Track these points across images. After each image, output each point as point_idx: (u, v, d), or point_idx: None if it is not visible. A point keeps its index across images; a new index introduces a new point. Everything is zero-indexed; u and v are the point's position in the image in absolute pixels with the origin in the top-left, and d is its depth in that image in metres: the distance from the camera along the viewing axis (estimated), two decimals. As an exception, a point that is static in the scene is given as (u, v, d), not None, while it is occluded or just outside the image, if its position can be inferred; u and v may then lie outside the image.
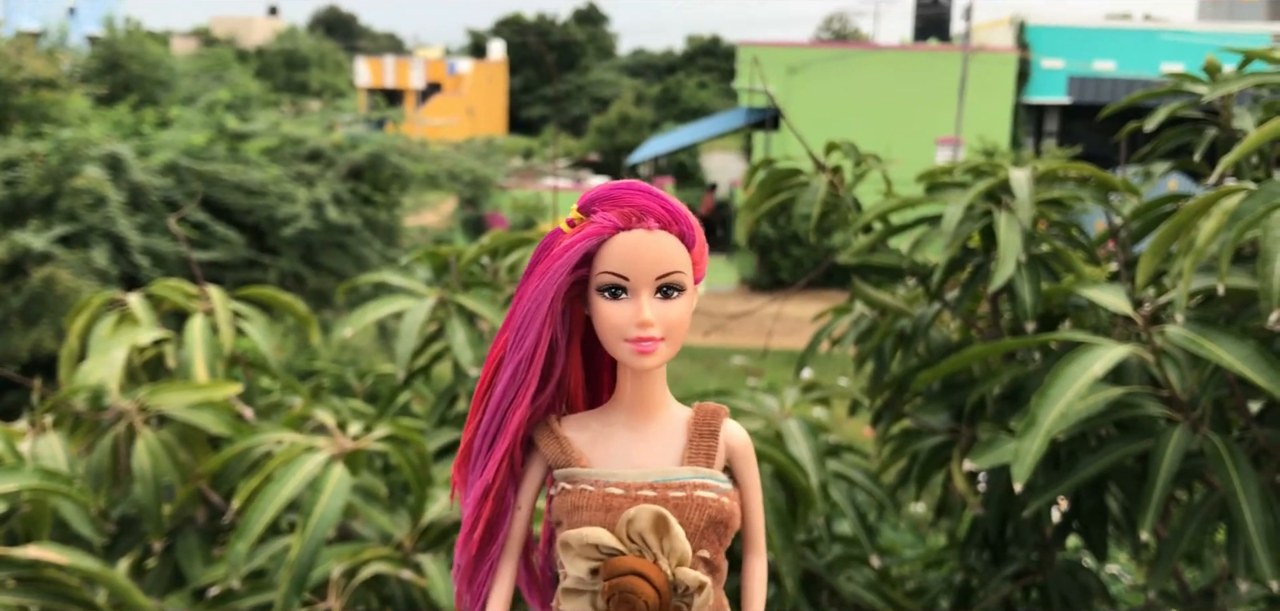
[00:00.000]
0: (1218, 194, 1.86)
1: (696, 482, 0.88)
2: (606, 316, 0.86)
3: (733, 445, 0.92)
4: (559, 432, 0.91)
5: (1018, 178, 2.30)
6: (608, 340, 0.87)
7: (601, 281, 0.86)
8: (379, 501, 2.44)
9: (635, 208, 0.85)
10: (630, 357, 0.87)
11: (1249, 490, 1.83)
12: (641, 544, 0.85)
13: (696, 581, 0.85)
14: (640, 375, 0.89)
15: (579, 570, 0.86)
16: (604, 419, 0.92)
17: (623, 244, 0.85)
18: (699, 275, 0.89)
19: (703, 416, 0.92)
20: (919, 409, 2.59)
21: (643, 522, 0.84)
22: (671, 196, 0.87)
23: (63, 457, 2.25)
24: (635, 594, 0.83)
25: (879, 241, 2.61)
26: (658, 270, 0.85)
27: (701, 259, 0.89)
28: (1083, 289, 2.09)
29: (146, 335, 2.55)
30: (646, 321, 0.85)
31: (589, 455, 0.90)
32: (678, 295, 0.87)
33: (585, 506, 0.86)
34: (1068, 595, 2.59)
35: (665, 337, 0.86)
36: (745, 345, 14.03)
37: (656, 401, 0.91)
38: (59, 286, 9.03)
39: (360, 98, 26.65)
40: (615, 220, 0.85)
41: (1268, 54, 2.29)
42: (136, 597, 1.99)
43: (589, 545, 0.85)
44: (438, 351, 2.75)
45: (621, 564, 0.84)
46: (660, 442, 0.90)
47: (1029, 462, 1.78)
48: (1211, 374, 1.97)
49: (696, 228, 0.88)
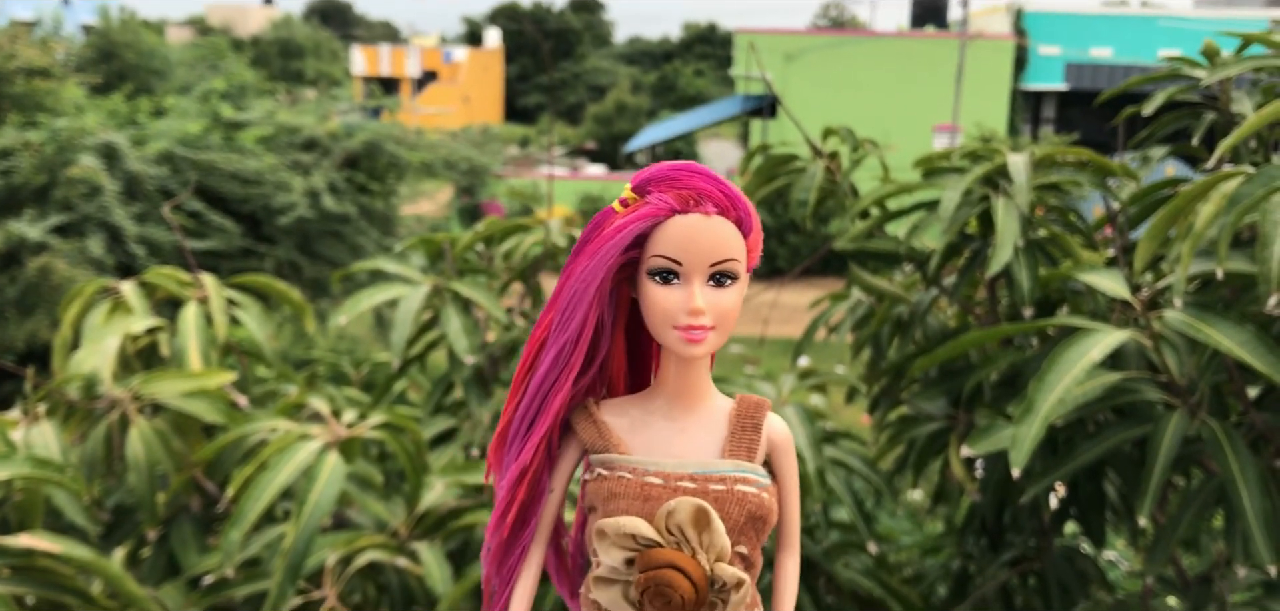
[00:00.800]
0: (1216, 178, 1.86)
1: (737, 476, 0.85)
2: (657, 301, 0.83)
3: (774, 439, 0.89)
4: (598, 416, 0.88)
5: (1015, 163, 2.29)
6: (656, 326, 0.84)
7: (653, 265, 0.82)
8: (374, 489, 2.43)
9: (693, 190, 0.82)
10: (678, 345, 0.83)
11: (1247, 475, 1.82)
12: (681, 536, 0.82)
13: (735, 578, 0.82)
14: (685, 363, 0.86)
15: (614, 559, 0.83)
16: (644, 405, 0.89)
17: (678, 228, 0.82)
18: (752, 263, 0.86)
19: (746, 408, 0.89)
20: (916, 395, 2.58)
21: (683, 515, 0.82)
22: (729, 181, 0.84)
23: (56, 446, 2.24)
24: (672, 587, 0.81)
25: (876, 227, 2.60)
26: (712, 257, 0.82)
27: (756, 247, 0.86)
28: (1080, 274, 2.08)
29: (140, 323, 2.54)
30: (698, 309, 0.82)
31: (628, 441, 0.87)
32: (731, 283, 0.83)
33: (622, 494, 0.84)
34: (1065, 581, 2.58)
35: (716, 326, 0.83)
36: (742, 333, 14.02)
37: (699, 390, 0.88)
38: (54, 276, 9.02)
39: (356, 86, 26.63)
40: (671, 202, 0.82)
41: (1266, 38, 2.28)
42: (130, 587, 1.98)
43: (626, 534, 0.82)
44: (433, 339, 2.74)
45: (659, 556, 0.81)
46: (701, 433, 0.87)
47: (1027, 448, 1.77)
48: (1210, 358, 1.97)
49: (753, 214, 0.85)
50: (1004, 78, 22.63)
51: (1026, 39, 23.33)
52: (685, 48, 48.90)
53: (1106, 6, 25.79)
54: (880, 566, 2.67)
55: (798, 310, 3.77)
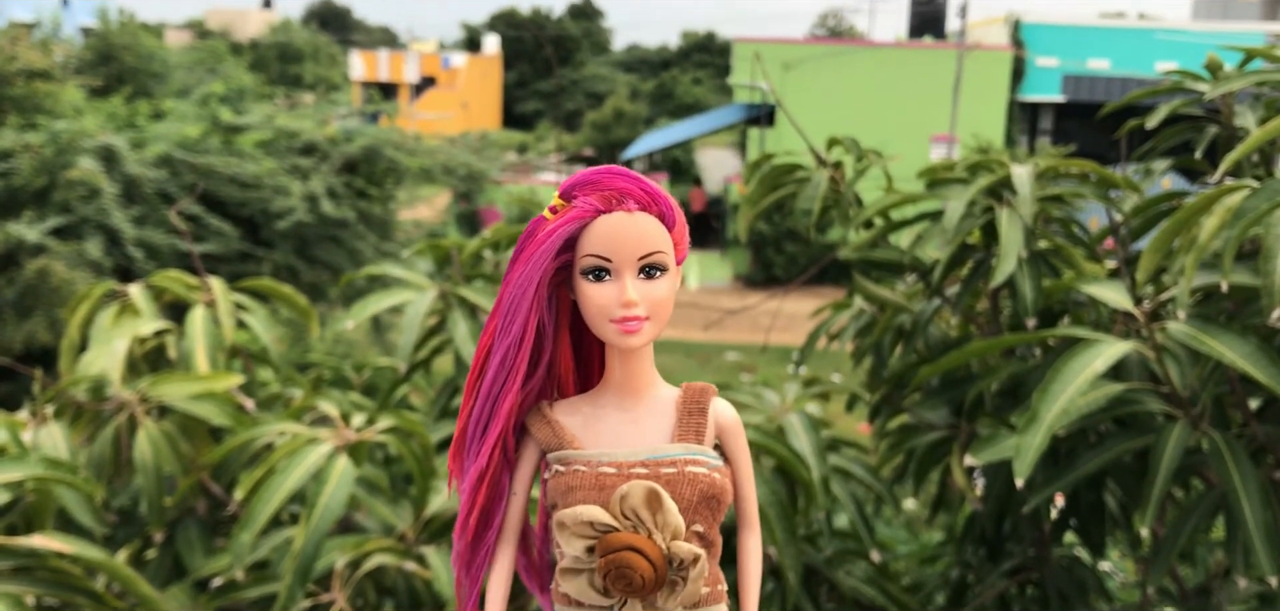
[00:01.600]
0: (1220, 191, 1.87)
1: (687, 458, 0.89)
2: (591, 298, 0.88)
3: (722, 422, 0.94)
4: (551, 417, 0.92)
5: (1020, 174, 2.30)
6: (593, 321, 0.89)
7: (585, 264, 0.87)
8: (382, 493, 2.44)
9: (615, 190, 0.87)
10: (616, 337, 0.88)
11: (1249, 486, 1.84)
12: (635, 519, 0.86)
13: (691, 554, 0.86)
14: (628, 356, 0.91)
15: (575, 549, 0.87)
16: (595, 402, 0.93)
17: (604, 226, 0.87)
18: (681, 256, 0.91)
19: (691, 394, 0.94)
20: (918, 404, 2.60)
21: (636, 498, 0.85)
22: (649, 180, 0.89)
23: (64, 447, 2.25)
24: (631, 568, 0.84)
25: (879, 237, 2.62)
26: (639, 250, 0.87)
27: (682, 240, 0.91)
28: (1083, 285, 2.10)
29: (148, 326, 2.55)
30: (630, 300, 0.87)
31: (581, 437, 0.91)
32: (660, 275, 0.88)
33: (579, 486, 0.88)
34: (1064, 591, 2.60)
35: (650, 316, 0.88)
36: (740, 341, 14.04)
37: (645, 382, 0.93)
38: (53, 278, 9.02)
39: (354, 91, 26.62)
40: (596, 203, 0.87)
41: (1268, 52, 2.31)
42: (141, 587, 2.00)
43: (584, 522, 0.86)
44: (437, 344, 2.75)
45: (617, 540, 0.85)
46: (651, 422, 0.92)
47: (1030, 458, 1.78)
48: (1212, 370, 1.99)
49: (676, 209, 0.90)
50: (1001, 88, 22.67)
51: (1024, 50, 23.37)
52: (683, 56, 48.91)
53: (1104, 19, 25.83)
54: (882, 574, 2.68)
55: (796, 318, 3.79)
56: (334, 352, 9.01)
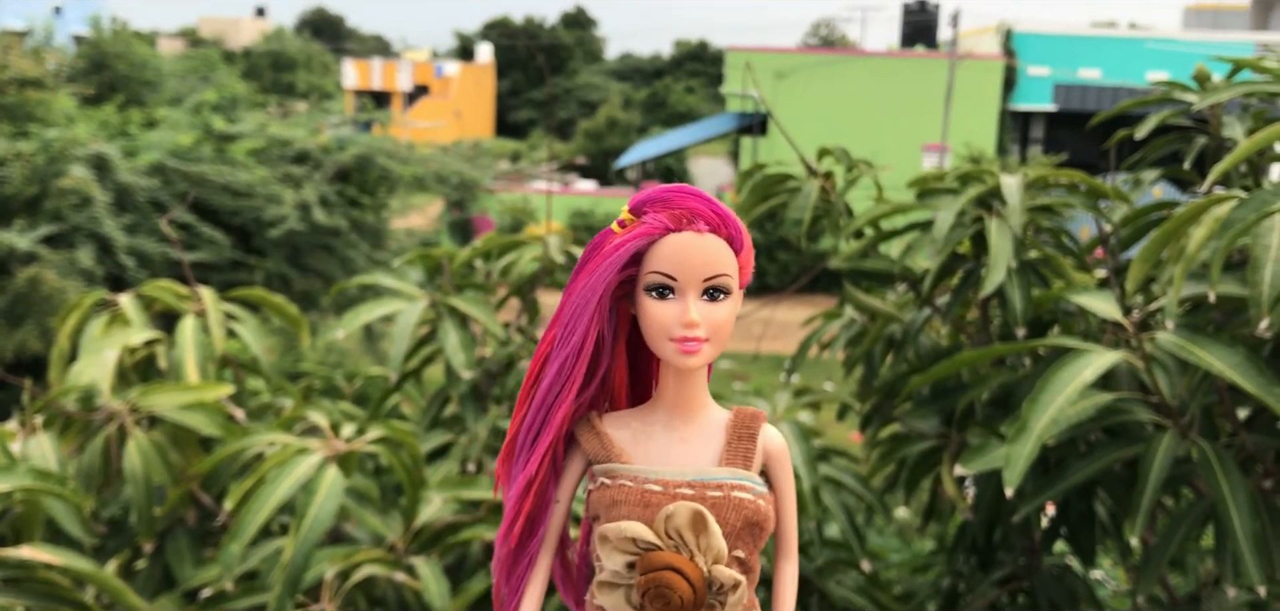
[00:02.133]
0: (1208, 202, 1.88)
1: (734, 483, 0.89)
2: (653, 315, 0.87)
3: (770, 449, 0.94)
4: (600, 428, 0.92)
5: (1009, 184, 2.31)
6: (653, 339, 0.88)
7: (650, 281, 0.87)
8: (371, 503, 2.44)
9: (686, 210, 0.87)
10: (675, 357, 0.88)
11: (1237, 496, 1.84)
12: (679, 540, 0.86)
13: (732, 579, 0.86)
14: (682, 375, 0.91)
15: (616, 563, 0.87)
16: (645, 417, 0.93)
17: (672, 245, 0.87)
18: (745, 279, 0.90)
19: (742, 419, 0.93)
20: (909, 414, 2.60)
21: (681, 519, 0.85)
22: (721, 201, 0.88)
23: (53, 458, 2.24)
24: (671, 588, 0.84)
25: (870, 247, 2.63)
26: (705, 272, 0.87)
27: (748, 264, 0.90)
28: (1073, 295, 2.11)
29: (138, 336, 2.55)
30: (692, 321, 0.86)
31: (629, 451, 0.91)
32: (724, 298, 0.88)
33: (624, 501, 0.87)
34: (1055, 600, 2.60)
35: (710, 338, 0.87)
36: (732, 349, 14.03)
37: (697, 402, 0.92)
38: (44, 287, 8.99)
39: (347, 99, 26.61)
40: (666, 221, 0.87)
41: (1256, 63, 2.31)
42: (129, 598, 1.99)
43: (626, 539, 0.86)
44: (428, 354, 2.75)
45: (658, 558, 0.85)
46: (699, 443, 0.91)
47: (1020, 467, 1.79)
48: (1201, 380, 1.99)
49: (744, 232, 0.89)
50: (993, 98, 22.73)
51: (1015, 59, 23.44)
52: (676, 65, 48.95)
53: (1095, 28, 25.93)
54: (873, 584, 2.68)
55: (787, 327, 3.79)
56: (326, 362, 9.00)
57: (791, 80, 21.35)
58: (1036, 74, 23.45)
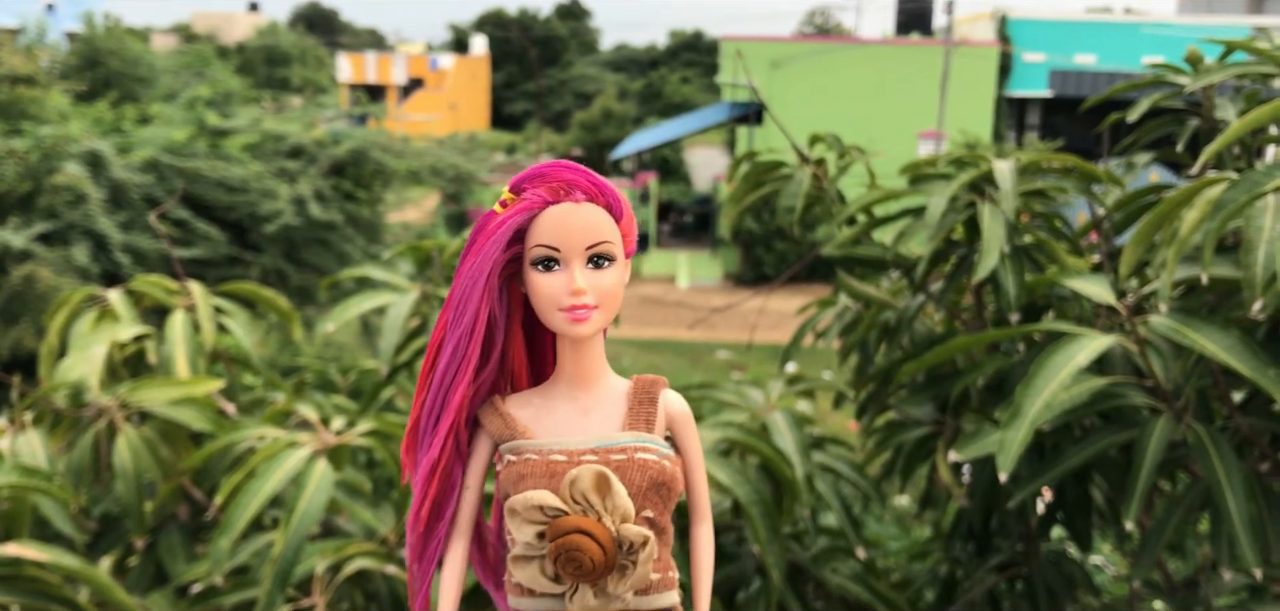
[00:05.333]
0: (1200, 184, 1.87)
1: (637, 446, 0.90)
2: (540, 288, 0.89)
3: (673, 413, 0.95)
4: (503, 409, 0.93)
5: (1001, 169, 2.30)
6: (543, 311, 0.90)
7: (534, 255, 0.89)
8: (363, 497, 2.43)
9: (562, 182, 0.89)
10: (565, 326, 0.90)
11: (1233, 479, 1.84)
12: (585, 503, 0.87)
13: (640, 536, 0.87)
14: (578, 347, 0.92)
15: (526, 535, 0.88)
16: (546, 394, 0.95)
17: (552, 217, 0.89)
18: (629, 248, 0.92)
19: (642, 386, 0.95)
20: (903, 401, 2.59)
21: (585, 482, 0.86)
22: (595, 172, 0.91)
23: (42, 455, 2.23)
24: (581, 551, 0.85)
25: (863, 234, 2.61)
26: (587, 240, 0.89)
27: (630, 231, 0.92)
28: (1066, 280, 2.10)
29: (127, 331, 2.53)
30: (579, 289, 0.88)
31: (533, 428, 0.92)
32: (608, 265, 0.90)
33: (530, 475, 0.89)
34: (1052, 586, 2.59)
35: (598, 305, 0.89)
36: (729, 339, 14.04)
37: (595, 372, 0.94)
38: (39, 284, 8.98)
39: (342, 94, 26.52)
40: (544, 195, 0.89)
41: (1248, 45, 2.30)
42: (119, 595, 1.98)
43: (534, 507, 0.87)
44: (420, 346, 2.74)
45: (566, 523, 0.86)
46: (602, 411, 0.93)
47: (1014, 453, 1.78)
48: (1195, 363, 1.98)
49: (623, 200, 0.91)
50: (989, 84, 22.70)
51: (1011, 46, 23.41)
52: (671, 55, 48.90)
53: (1090, 13, 25.91)
54: (869, 571, 2.68)
55: (785, 316, 3.78)
56: (323, 356, 8.99)
57: (787, 69, 21.33)
58: (1032, 60, 23.42)
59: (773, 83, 20.68)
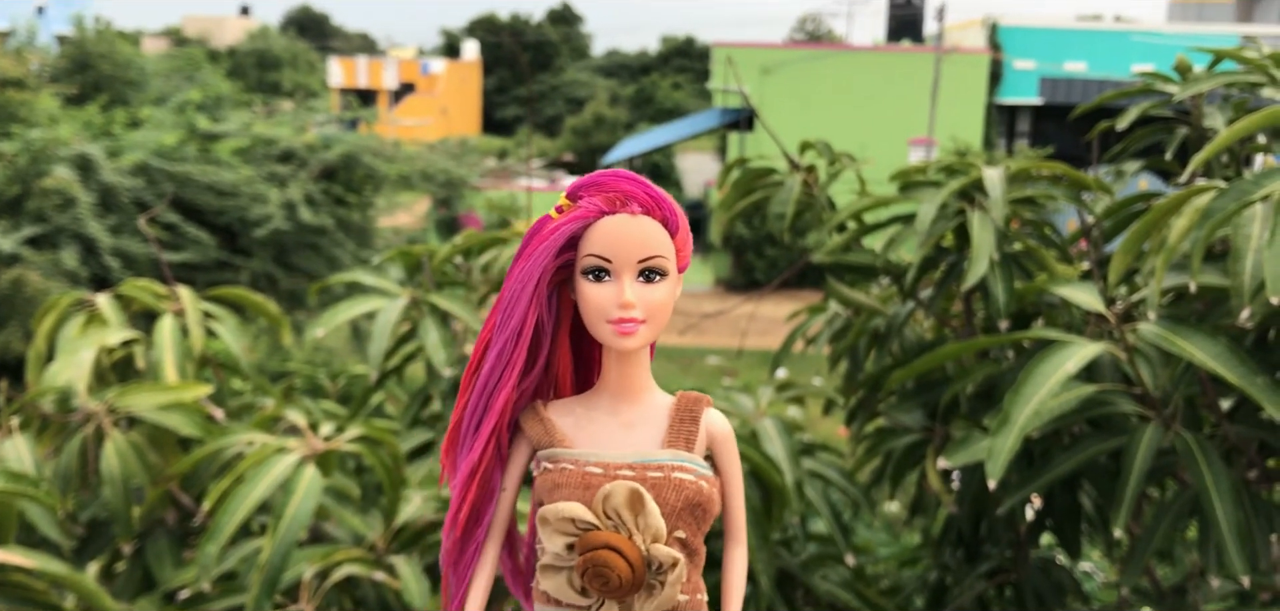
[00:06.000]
0: (1189, 192, 1.87)
1: (675, 464, 0.89)
2: (590, 298, 0.88)
3: (714, 433, 0.94)
4: (544, 415, 0.92)
5: (991, 176, 2.30)
6: (591, 321, 0.89)
7: (586, 264, 0.88)
8: (351, 503, 2.42)
9: (619, 193, 0.88)
10: (612, 339, 0.89)
11: (1221, 486, 1.84)
12: (617, 520, 0.86)
13: (670, 558, 0.86)
14: (624, 359, 0.91)
15: (556, 546, 0.87)
16: (588, 403, 0.93)
17: (606, 227, 0.87)
18: (683, 263, 0.91)
19: (685, 403, 0.93)
20: (893, 407, 2.59)
21: (618, 499, 0.86)
22: (656, 185, 0.89)
23: (30, 459, 2.22)
24: (609, 568, 0.84)
25: (853, 240, 2.62)
26: (640, 253, 0.87)
27: (685, 246, 0.91)
28: (1056, 287, 2.10)
29: (115, 336, 2.52)
30: (628, 302, 0.87)
31: (573, 437, 0.91)
32: (660, 279, 0.89)
33: (565, 485, 0.88)
34: (1041, 592, 2.60)
35: (646, 319, 0.88)
36: (720, 345, 14.04)
37: (640, 386, 0.93)
38: (28, 288, 8.95)
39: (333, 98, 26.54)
40: (600, 204, 0.88)
41: (1237, 53, 2.31)
42: (105, 601, 1.97)
43: (565, 519, 0.86)
44: (410, 352, 2.73)
45: (596, 538, 0.85)
46: (642, 427, 0.92)
47: (1003, 460, 1.78)
48: (1183, 371, 1.98)
49: (680, 215, 0.90)
50: (979, 92, 22.75)
51: (1001, 53, 23.47)
52: (663, 61, 48.89)
53: (1080, 21, 25.99)
54: (858, 578, 2.68)
55: (775, 322, 3.78)
56: (313, 361, 8.97)
57: (778, 75, 21.35)
58: (1022, 68, 23.48)
59: (764, 89, 20.71)
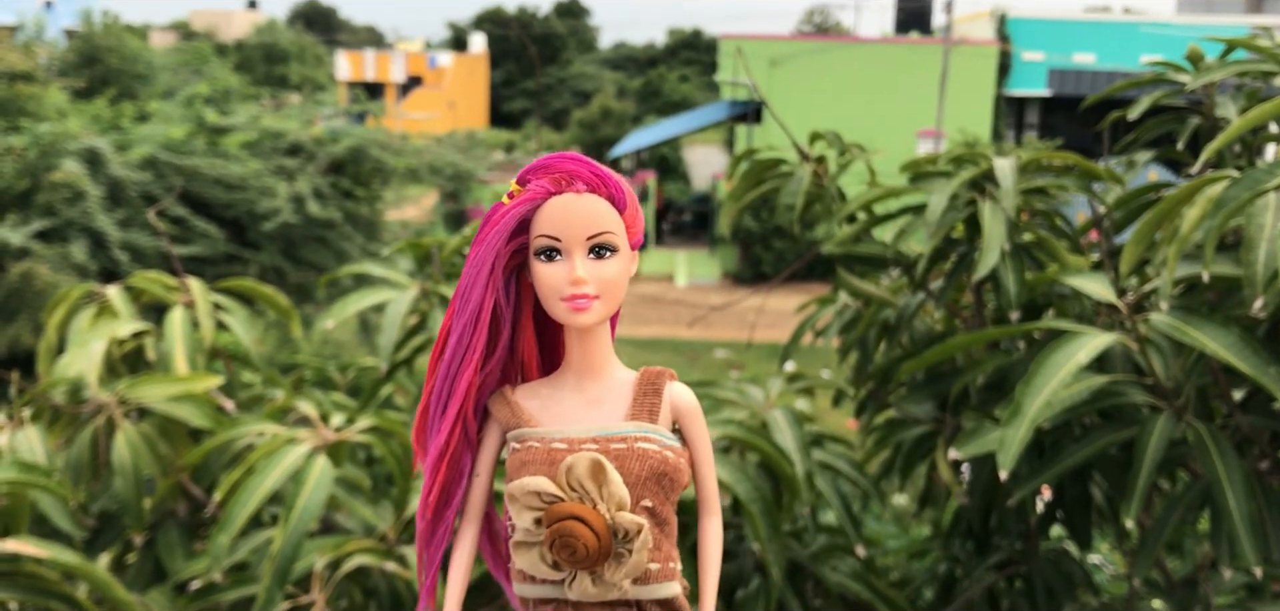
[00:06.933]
0: (1201, 182, 1.87)
1: (638, 435, 0.92)
2: (543, 277, 0.91)
3: (679, 404, 0.96)
4: (511, 399, 0.95)
5: (1002, 167, 2.29)
6: (546, 300, 0.92)
7: (537, 245, 0.91)
8: (362, 493, 2.42)
9: (565, 173, 0.91)
10: (567, 316, 0.91)
11: (1233, 477, 1.83)
12: (582, 491, 0.88)
13: (635, 524, 0.88)
14: (584, 338, 0.94)
15: (525, 521, 0.89)
16: (554, 384, 0.96)
17: (554, 207, 0.90)
18: (635, 239, 0.93)
19: (648, 377, 0.96)
20: (903, 399, 2.59)
21: (580, 469, 0.88)
22: (600, 163, 0.92)
23: (41, 451, 2.23)
24: (575, 537, 0.86)
25: (863, 232, 2.61)
26: (588, 230, 0.90)
27: (635, 222, 0.93)
28: (1067, 278, 2.09)
29: (126, 328, 2.53)
30: (579, 278, 0.90)
31: (540, 417, 0.94)
32: (610, 255, 0.91)
33: (532, 462, 0.90)
34: (1052, 584, 2.59)
35: (599, 295, 0.91)
36: (728, 338, 14.04)
37: (601, 363, 0.95)
38: (37, 281, 8.96)
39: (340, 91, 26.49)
40: (547, 186, 0.91)
41: (1249, 43, 2.30)
42: (118, 591, 1.97)
43: (531, 493, 0.88)
44: (419, 343, 2.73)
45: (561, 509, 0.87)
46: (608, 402, 0.94)
47: (1014, 451, 1.78)
48: (1195, 361, 1.98)
49: (628, 192, 0.93)
50: (988, 83, 22.69)
51: (1010, 45, 23.40)
52: (670, 53, 48.86)
53: (1089, 12, 25.91)
54: (868, 569, 2.67)
55: (783, 315, 3.78)
56: (321, 353, 8.98)
57: (786, 68, 21.32)
58: (1031, 59, 23.41)
59: (772, 81, 20.67)
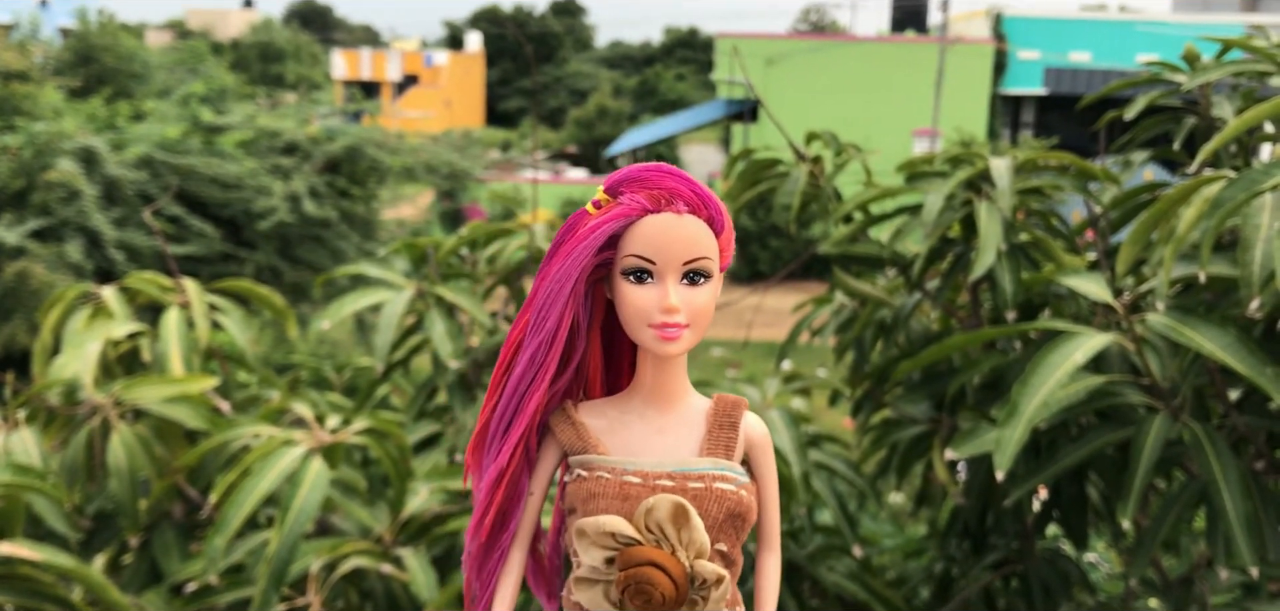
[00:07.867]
0: (1198, 182, 1.87)
1: (715, 474, 0.86)
2: (631, 300, 0.84)
3: (752, 438, 0.90)
4: (576, 418, 0.88)
5: (998, 167, 2.29)
6: (631, 325, 0.85)
7: (627, 264, 0.84)
8: (358, 495, 2.42)
9: (664, 190, 0.83)
10: (654, 344, 0.84)
11: (1229, 477, 1.83)
12: (660, 534, 0.82)
13: (715, 574, 0.83)
14: (661, 362, 0.87)
15: (594, 559, 0.84)
16: (622, 406, 0.89)
17: (650, 227, 0.83)
18: (725, 262, 0.87)
19: (723, 407, 0.90)
20: (899, 399, 2.59)
21: (662, 513, 0.82)
22: (700, 181, 0.85)
23: (36, 452, 2.22)
24: (652, 585, 0.81)
25: (859, 231, 2.61)
26: (685, 255, 0.83)
27: (728, 245, 0.87)
28: (1063, 278, 2.09)
29: (121, 328, 2.52)
30: (672, 306, 0.83)
31: (606, 442, 0.87)
32: (704, 282, 0.85)
33: (602, 494, 0.84)
34: (1048, 583, 2.59)
35: (690, 324, 0.84)
36: (725, 337, 14.03)
37: (676, 390, 0.89)
38: (32, 281, 8.95)
39: (336, 90, 26.47)
40: (644, 202, 0.83)
41: (1245, 43, 2.30)
42: (113, 594, 1.97)
43: (606, 533, 0.82)
44: (416, 344, 2.73)
45: (639, 554, 0.82)
46: (679, 432, 0.88)
47: (1011, 451, 1.78)
48: (1191, 361, 1.98)
49: (724, 213, 0.86)
50: (983, 82, 22.72)
51: (1006, 43, 23.44)
52: (666, 52, 48.91)
53: (1085, 11, 25.95)
54: (864, 569, 2.67)
55: (780, 314, 3.78)
56: (317, 353, 8.97)
57: (782, 66, 21.33)
58: (1027, 58, 23.46)
59: (768, 80, 20.68)
